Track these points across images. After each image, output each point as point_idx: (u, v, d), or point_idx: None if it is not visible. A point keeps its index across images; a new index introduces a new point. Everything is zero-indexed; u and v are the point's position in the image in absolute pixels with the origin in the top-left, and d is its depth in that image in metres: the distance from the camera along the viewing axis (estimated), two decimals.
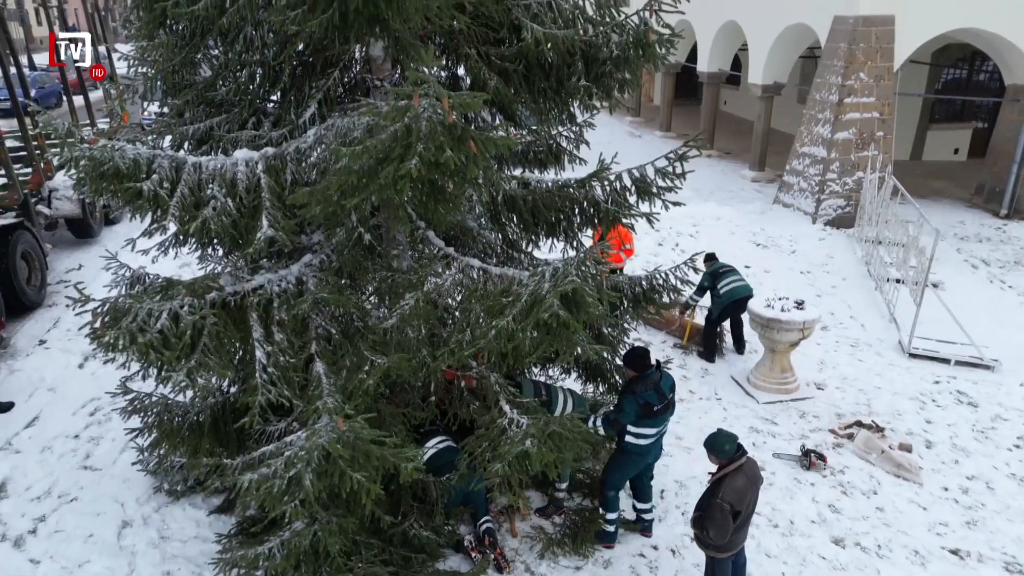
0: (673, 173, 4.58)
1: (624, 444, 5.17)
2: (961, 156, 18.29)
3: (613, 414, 5.09)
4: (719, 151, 19.92)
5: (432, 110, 3.48)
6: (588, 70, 4.66)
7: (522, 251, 5.71)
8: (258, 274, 4.55)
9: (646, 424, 5.05)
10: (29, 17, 39.70)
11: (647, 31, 4.35)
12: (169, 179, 4.00)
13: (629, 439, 5.13)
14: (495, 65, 4.73)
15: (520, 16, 4.59)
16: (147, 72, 4.99)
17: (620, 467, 5.31)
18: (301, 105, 5.00)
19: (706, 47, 18.72)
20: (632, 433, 5.10)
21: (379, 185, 3.68)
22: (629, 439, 5.13)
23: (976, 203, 14.73)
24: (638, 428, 5.07)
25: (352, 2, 3.68)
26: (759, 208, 14.85)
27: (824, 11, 13.70)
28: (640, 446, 5.16)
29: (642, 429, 5.08)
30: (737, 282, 8.40)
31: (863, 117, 13.22)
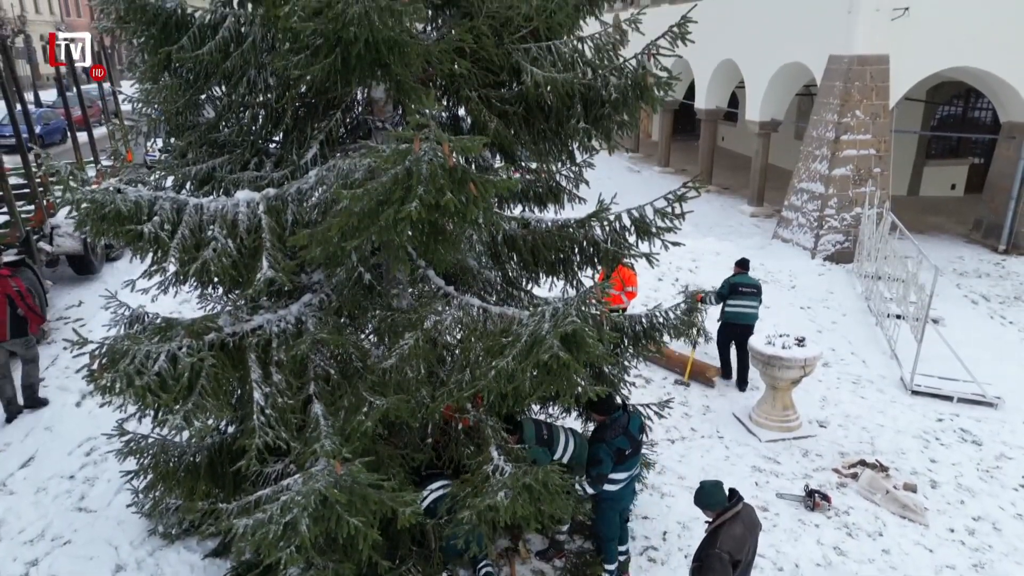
0: (672, 214, 4.60)
1: (599, 492, 5.08)
2: (958, 191, 18.42)
3: (594, 470, 4.92)
4: (718, 186, 20.06)
5: (433, 153, 3.51)
6: (587, 112, 4.71)
7: (522, 289, 5.71)
8: (257, 314, 4.54)
9: (618, 469, 4.98)
10: (37, 55, 40.26)
11: (645, 75, 4.41)
12: (170, 221, 4.01)
13: (604, 486, 5.05)
14: (495, 107, 4.79)
15: (520, 60, 4.66)
16: (151, 114, 5.04)
17: (603, 516, 5.23)
18: (303, 146, 5.04)
19: (703, 85, 18.97)
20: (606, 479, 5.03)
21: (379, 227, 3.69)
22: (604, 486, 5.05)
23: (974, 238, 14.79)
24: (611, 474, 4.99)
25: (354, 48, 3.73)
26: (758, 243, 14.91)
27: (819, 50, 13.92)
28: (614, 492, 5.08)
29: (615, 475, 5.00)
30: (746, 308, 8.44)
31: (860, 154, 13.34)
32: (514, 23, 4.68)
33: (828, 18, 13.61)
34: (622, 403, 5.14)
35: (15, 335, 7.16)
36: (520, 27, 4.73)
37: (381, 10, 3.55)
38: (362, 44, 3.71)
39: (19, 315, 7.16)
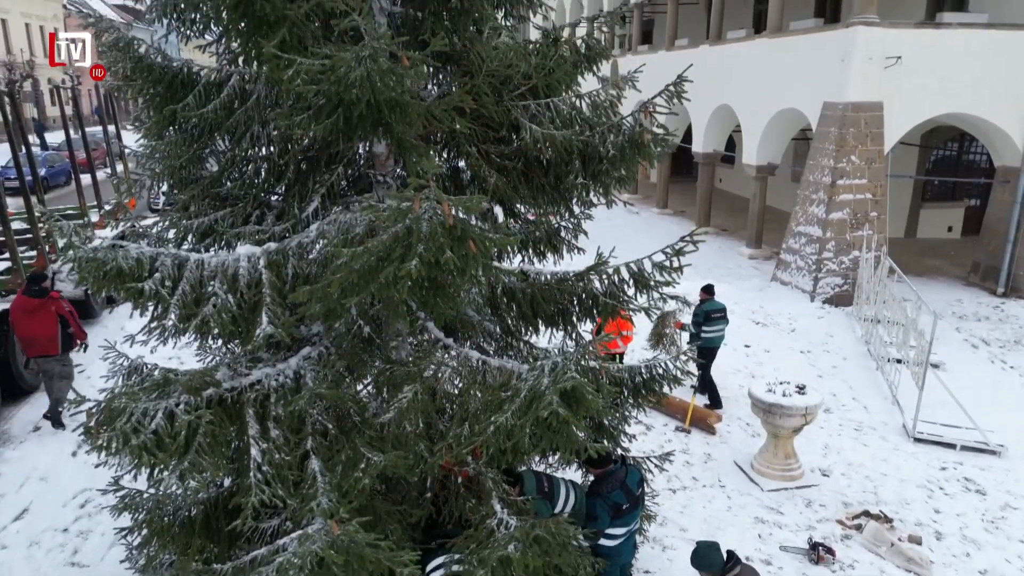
0: (671, 267, 4.62)
1: (597, 548, 4.99)
2: (955, 234, 18.53)
3: (590, 526, 4.82)
4: (716, 228, 20.18)
5: (433, 211, 3.55)
6: (586, 168, 4.78)
7: (521, 339, 5.71)
8: (256, 368, 4.53)
9: (616, 524, 4.91)
10: (44, 98, 40.90)
11: (642, 132, 4.48)
12: (171, 277, 4.03)
13: (601, 541, 4.95)
14: (495, 163, 4.85)
15: (519, 117, 4.73)
16: (155, 168, 5.10)
17: (603, 572, 5.14)
18: (305, 199, 5.09)
19: (700, 129, 19.23)
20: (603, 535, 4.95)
21: (379, 284, 3.71)
22: (601, 541, 4.95)
23: (973, 281, 14.83)
24: (609, 529, 4.92)
25: (356, 108, 3.79)
26: (757, 285, 14.95)
27: (814, 97, 14.14)
28: (613, 547, 5.00)
29: (612, 530, 4.93)
30: (720, 332, 9.18)
31: (856, 198, 13.46)
32: (513, 81, 4.78)
33: (822, 66, 13.86)
34: (620, 456, 5.09)
35: (64, 350, 7.99)
36: (519, 85, 4.83)
37: (383, 73, 3.62)
38: (364, 105, 3.77)
39: (69, 333, 7.96)
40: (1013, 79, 13.20)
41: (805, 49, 14.59)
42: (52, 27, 48.51)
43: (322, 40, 4.04)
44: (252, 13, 3.64)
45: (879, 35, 12.91)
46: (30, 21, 45.34)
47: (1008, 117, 13.40)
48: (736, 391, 9.63)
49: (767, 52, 15.88)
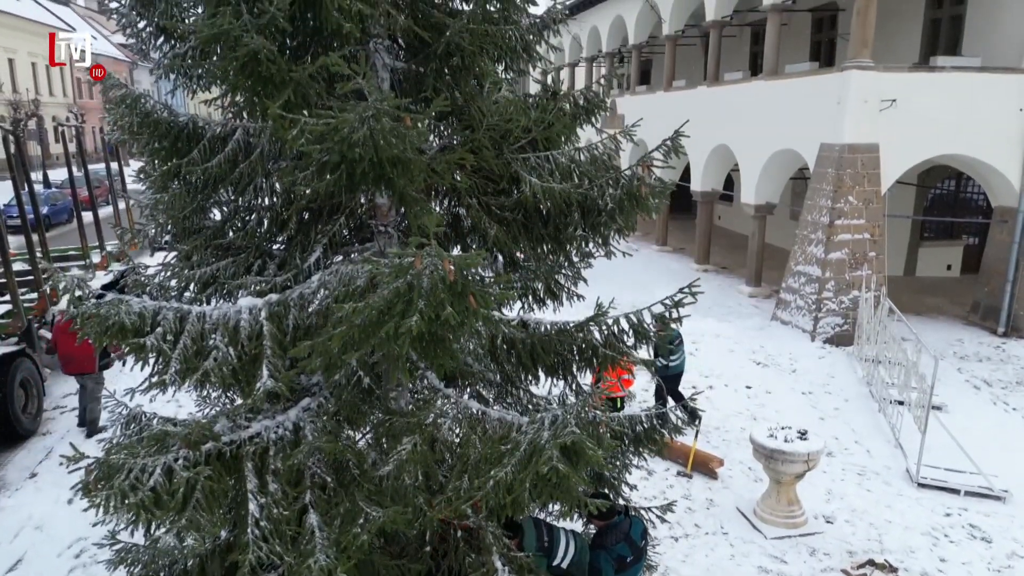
0: (670, 319, 4.64)
1: None
2: (954, 272, 18.58)
3: None
4: (715, 266, 20.26)
5: (434, 267, 3.58)
6: (585, 219, 4.82)
7: (520, 387, 5.71)
8: (255, 420, 4.52)
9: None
10: (48, 135, 41.35)
11: (640, 186, 4.53)
12: (173, 331, 4.05)
13: None
14: (495, 214, 4.90)
15: (519, 169, 4.79)
16: (159, 218, 5.15)
17: None
18: (307, 249, 5.13)
19: (699, 168, 19.41)
20: None
21: (380, 339, 3.73)
22: None
23: (973, 320, 14.83)
24: None
25: (359, 166, 3.84)
26: (757, 324, 14.95)
27: (811, 138, 14.31)
28: None
29: None
30: (683, 357, 9.60)
31: (855, 238, 13.54)
32: (513, 134, 4.85)
33: (818, 108, 14.05)
34: (623, 508, 5.05)
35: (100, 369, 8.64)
36: (519, 138, 4.90)
37: (386, 132, 3.68)
38: (367, 162, 3.83)
39: (107, 350, 8.39)
40: (1008, 121, 13.38)
41: (801, 91, 14.81)
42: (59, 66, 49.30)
43: (326, 96, 4.12)
44: (258, 74, 3.71)
45: (873, 78, 13.11)
46: (36, 60, 46.11)
47: (1004, 158, 13.55)
48: (738, 434, 9.58)
49: (764, 94, 16.12)
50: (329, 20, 3.77)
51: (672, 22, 20.65)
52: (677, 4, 20.22)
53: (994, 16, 14.68)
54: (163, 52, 4.64)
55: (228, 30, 3.48)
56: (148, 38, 4.64)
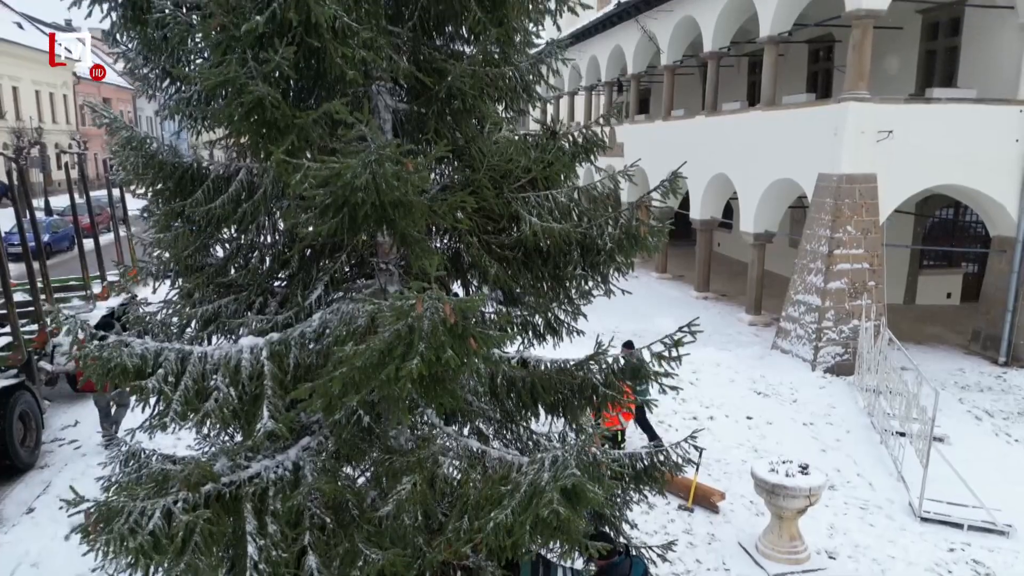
0: (669, 357, 4.65)
1: None
2: (954, 300, 18.61)
3: None
4: (715, 293, 20.29)
5: (435, 310, 3.60)
6: (584, 258, 4.86)
7: (520, 423, 5.70)
8: (255, 460, 4.51)
9: None
10: (50, 162, 41.62)
11: (639, 227, 4.57)
12: (174, 372, 4.06)
13: None
14: (495, 253, 4.94)
15: (520, 209, 4.84)
16: (162, 256, 5.19)
17: None
18: (308, 287, 5.16)
19: (698, 197, 19.52)
20: None
21: (380, 381, 3.74)
22: None
23: (973, 350, 14.83)
24: None
25: (361, 209, 3.89)
26: (758, 353, 14.93)
27: (809, 168, 14.42)
28: None
29: None
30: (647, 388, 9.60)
31: (854, 268, 13.58)
32: (514, 174, 4.91)
33: (815, 139, 14.17)
34: (624, 547, 5.02)
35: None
36: (519, 177, 4.95)
37: (389, 177, 3.73)
38: (369, 206, 3.87)
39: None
40: (1005, 152, 13.50)
41: (798, 122, 14.95)
42: (62, 93, 49.87)
43: (329, 138, 4.17)
44: (263, 120, 3.77)
45: (870, 110, 13.25)
46: (40, 88, 46.61)
47: (1001, 189, 13.64)
48: (739, 466, 9.54)
49: (762, 124, 16.27)
50: (333, 67, 3.84)
51: (670, 52, 20.91)
52: (675, 35, 20.49)
53: (988, 48, 14.88)
54: (168, 95, 4.71)
55: (234, 78, 3.54)
56: (154, 80, 4.71)
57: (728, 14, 17.70)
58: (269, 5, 3.51)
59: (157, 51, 4.46)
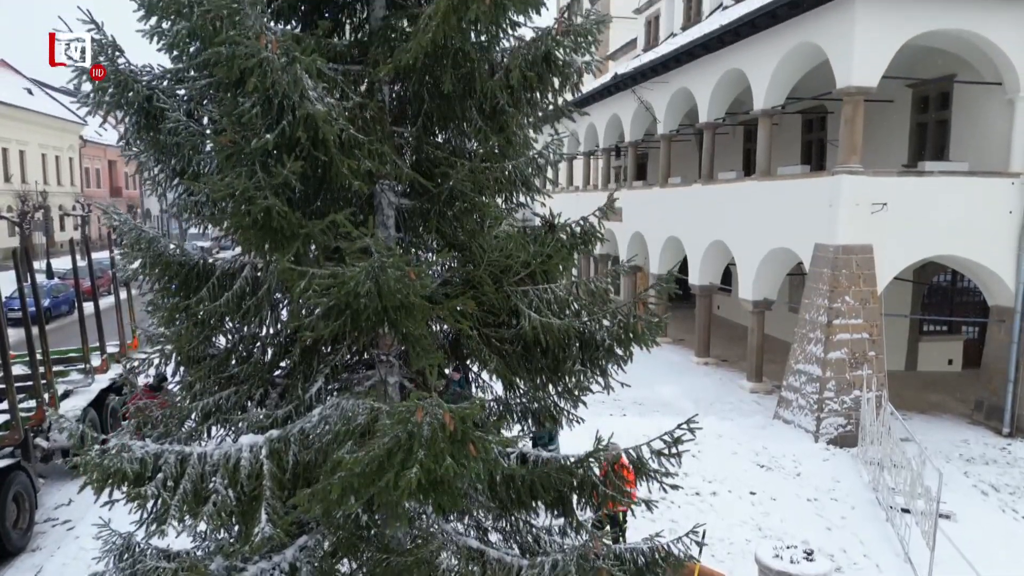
0: (669, 454, 4.64)
1: None
2: (956, 366, 18.55)
3: None
4: (716, 358, 20.24)
5: (434, 417, 3.62)
6: (583, 352, 4.89)
7: (520, 516, 5.64)
8: (251, 562, 4.46)
9: None
10: (54, 224, 42.02)
11: (637, 323, 4.62)
12: (174, 475, 4.05)
13: None
14: (495, 346, 4.98)
15: (519, 303, 4.90)
16: (164, 348, 5.22)
17: None
18: (309, 379, 5.18)
19: (696, 263, 19.67)
20: None
21: (380, 488, 3.73)
22: None
23: (977, 419, 14.72)
24: None
25: (363, 314, 3.94)
26: (760, 423, 14.81)
27: (806, 238, 14.59)
28: None
29: None
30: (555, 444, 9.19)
31: (853, 338, 13.59)
32: (513, 269, 4.99)
33: (811, 209, 14.38)
34: None
35: None
36: (518, 271, 5.03)
37: (391, 283, 3.80)
38: (371, 310, 3.93)
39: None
40: (999, 223, 13.68)
41: (794, 193, 15.20)
42: (68, 156, 50.75)
43: (333, 239, 4.26)
44: (269, 228, 3.86)
45: (863, 183, 13.49)
46: (47, 152, 47.49)
47: (997, 259, 13.77)
48: (743, 546, 9.36)
49: (758, 193, 16.53)
50: (339, 177, 3.95)
51: (666, 122, 21.39)
52: (671, 105, 21.00)
53: (978, 121, 15.24)
54: (178, 194, 4.83)
55: (243, 191, 3.64)
56: (164, 180, 4.83)
57: (723, 87, 18.19)
58: (279, 123, 3.63)
59: (168, 154, 4.59)
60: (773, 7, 14.45)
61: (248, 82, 3.40)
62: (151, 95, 4.20)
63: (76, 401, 10.48)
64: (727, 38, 16.69)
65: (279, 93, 3.49)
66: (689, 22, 24.76)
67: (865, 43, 13.15)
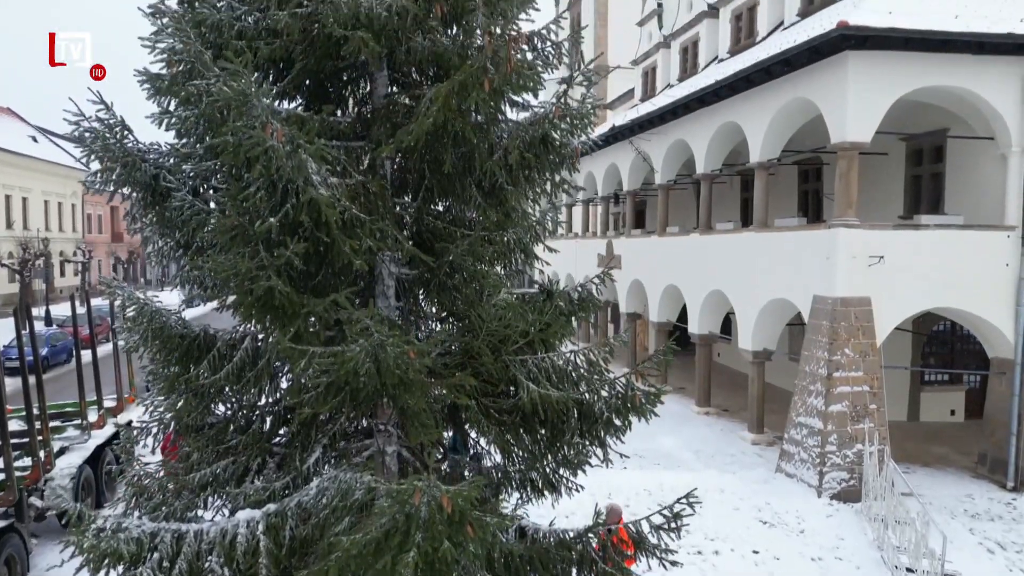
0: (669, 528, 4.60)
1: None
2: (958, 416, 18.43)
3: None
4: (716, 408, 20.13)
5: (432, 498, 3.60)
6: (582, 423, 4.89)
7: None
8: None
9: None
10: (54, 270, 42.14)
11: (635, 396, 4.63)
12: (169, 555, 4.02)
13: None
14: (493, 417, 4.98)
15: (517, 373, 4.92)
16: (163, 417, 5.22)
17: None
18: (307, 449, 5.17)
19: (695, 312, 19.71)
20: None
21: (376, 572, 3.70)
22: None
23: (981, 473, 14.58)
24: None
25: (362, 391, 3.96)
26: (762, 476, 14.66)
27: (804, 290, 14.66)
28: None
29: None
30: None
31: (854, 390, 13.55)
32: (511, 339, 5.02)
33: (809, 261, 14.48)
34: None
35: None
36: (516, 340, 5.06)
37: (391, 362, 3.82)
38: (370, 387, 3.95)
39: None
40: (996, 276, 13.76)
41: (791, 244, 15.32)
42: (71, 203, 51.20)
43: (334, 313, 4.29)
44: (271, 307, 3.90)
45: (860, 236, 13.61)
46: (49, 199, 47.95)
47: (995, 312, 13.81)
48: None
49: (755, 244, 16.65)
50: (340, 256, 4.00)
51: (664, 172, 21.68)
52: (668, 156, 21.31)
53: (972, 174, 15.44)
54: (180, 265, 4.88)
55: (246, 272, 3.69)
56: (168, 252, 4.89)
57: (719, 139, 18.48)
58: (282, 205, 3.70)
59: (173, 228, 4.66)
60: (767, 63, 14.77)
61: (254, 169, 3.48)
62: (157, 174, 4.30)
63: (72, 459, 10.39)
64: (723, 92, 17.02)
65: (283, 178, 3.57)
66: (685, 74, 25.27)
67: (858, 100, 13.41)
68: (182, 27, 3.62)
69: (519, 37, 3.86)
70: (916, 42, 13.05)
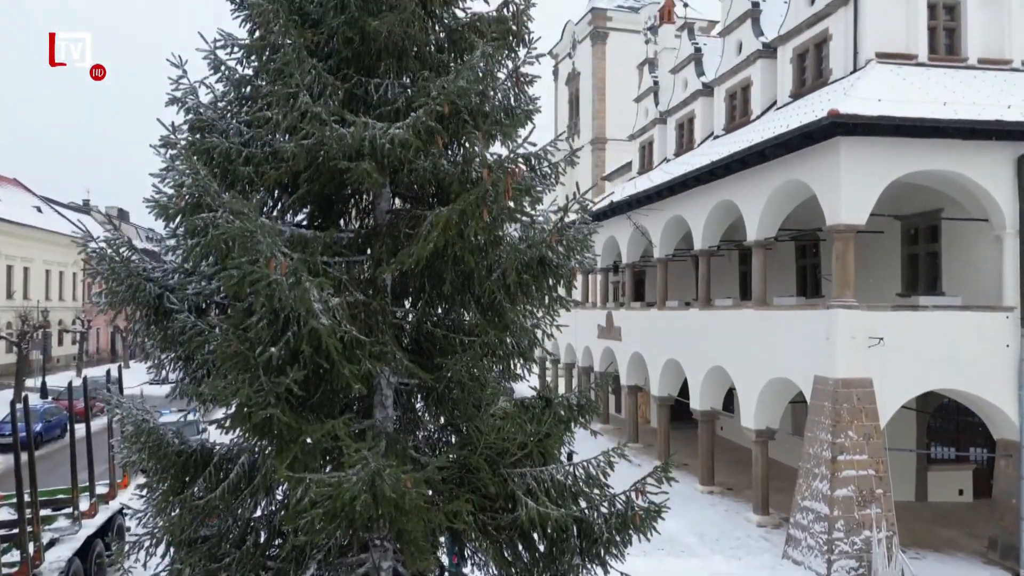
0: None
1: None
2: (967, 496, 18.07)
3: None
4: (720, 487, 19.76)
5: None
6: (581, 543, 4.80)
7: None
8: None
9: None
10: (52, 339, 42.05)
11: (635, 515, 4.57)
12: None
13: None
14: (491, 535, 4.89)
15: (515, 489, 4.86)
16: (155, 532, 5.13)
17: None
18: (302, 564, 5.06)
19: (696, 387, 19.57)
20: None
21: None
22: None
23: (992, 559, 14.20)
24: None
25: (359, 519, 3.90)
26: (768, 562, 14.29)
27: (804, 370, 14.60)
28: None
29: None
30: None
31: (859, 474, 13.34)
32: (510, 452, 4.98)
33: (809, 341, 14.47)
34: None
35: None
36: (515, 453, 5.02)
37: (387, 491, 3.78)
38: (366, 516, 3.89)
39: None
40: (997, 357, 13.72)
41: (790, 322, 15.34)
42: (72, 272, 51.52)
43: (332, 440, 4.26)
44: (270, 432, 3.88)
45: (859, 317, 13.63)
46: (51, 268, 48.31)
47: (998, 393, 13.72)
48: None
49: (754, 322, 16.67)
50: (339, 379, 4.01)
51: (662, 247, 21.88)
52: (666, 230, 21.55)
53: (968, 255, 15.55)
54: (180, 378, 4.89)
55: (247, 401, 3.69)
56: (168, 363, 4.90)
57: (716, 216, 18.73)
58: (283, 335, 3.73)
59: (175, 344, 4.68)
60: (761, 147, 15.10)
61: (257, 300, 3.52)
62: (161, 294, 4.35)
63: (61, 551, 10.13)
64: (718, 171, 17.34)
65: (285, 308, 3.60)
66: (682, 149, 25.79)
67: (851, 184, 13.66)
68: (191, 162, 3.73)
69: (515, 172, 3.97)
70: (907, 128, 13.37)
